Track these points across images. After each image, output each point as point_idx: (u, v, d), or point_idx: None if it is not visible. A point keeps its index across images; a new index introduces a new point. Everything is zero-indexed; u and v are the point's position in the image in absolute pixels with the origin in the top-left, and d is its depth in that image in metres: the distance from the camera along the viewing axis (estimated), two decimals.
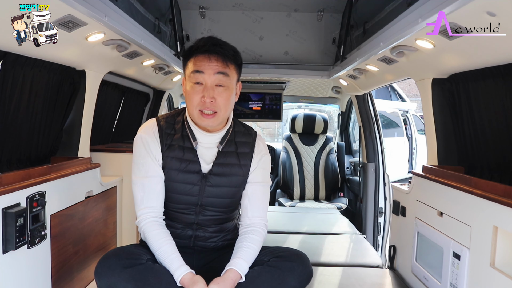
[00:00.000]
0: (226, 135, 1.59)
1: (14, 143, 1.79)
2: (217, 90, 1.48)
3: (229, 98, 1.52)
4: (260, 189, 1.61)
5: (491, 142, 1.74)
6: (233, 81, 1.53)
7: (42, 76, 1.81)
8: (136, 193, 1.54)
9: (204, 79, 1.48)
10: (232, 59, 1.51)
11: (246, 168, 1.59)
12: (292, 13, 3.23)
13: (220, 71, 1.48)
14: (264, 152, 1.64)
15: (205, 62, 1.48)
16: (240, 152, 1.59)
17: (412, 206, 2.08)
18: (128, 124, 3.15)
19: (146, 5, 2.13)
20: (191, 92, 1.50)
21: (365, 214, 3.55)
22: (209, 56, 1.48)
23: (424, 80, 2.03)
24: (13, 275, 1.41)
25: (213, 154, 1.58)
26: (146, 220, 1.50)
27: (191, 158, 1.54)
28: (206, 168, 1.56)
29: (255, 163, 1.61)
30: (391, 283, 2.12)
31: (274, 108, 4.13)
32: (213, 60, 1.47)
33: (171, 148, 1.54)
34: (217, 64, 1.47)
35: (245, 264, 1.44)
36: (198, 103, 1.48)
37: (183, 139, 1.56)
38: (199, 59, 1.49)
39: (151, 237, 1.48)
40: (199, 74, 1.48)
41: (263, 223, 1.59)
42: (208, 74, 1.47)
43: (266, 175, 1.64)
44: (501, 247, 1.37)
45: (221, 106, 1.50)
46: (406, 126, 8.30)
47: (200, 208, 1.57)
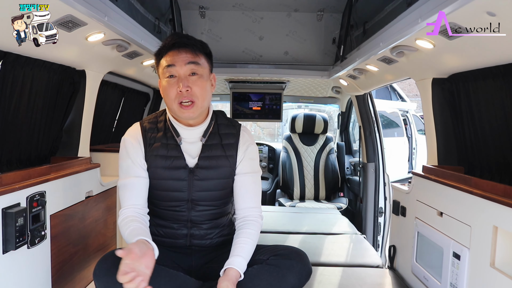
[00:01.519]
0: (209, 128, 1.62)
1: (14, 143, 1.79)
2: (191, 79, 1.52)
3: (204, 87, 1.54)
4: (250, 179, 1.62)
5: (491, 142, 1.74)
6: (206, 70, 1.57)
7: (42, 76, 1.81)
8: (121, 194, 1.57)
9: (176, 71, 1.52)
10: (200, 49, 1.55)
11: (232, 159, 1.61)
12: (292, 13, 3.23)
13: (191, 61, 1.52)
14: (250, 142, 1.65)
15: (175, 55, 1.52)
16: (225, 144, 1.61)
17: (412, 206, 2.07)
18: (128, 124, 3.10)
19: (146, 5, 2.13)
20: (167, 86, 1.53)
21: (365, 214, 3.55)
22: (178, 50, 1.53)
23: (424, 80, 2.03)
24: (13, 275, 1.41)
25: (197, 148, 1.60)
26: (125, 215, 1.51)
27: (175, 154, 1.57)
28: (192, 162, 1.58)
29: (241, 153, 1.62)
30: (391, 283, 2.12)
31: (274, 108, 4.13)
32: (182, 52, 1.52)
33: (155, 147, 1.57)
34: (187, 55, 1.52)
35: (243, 261, 1.44)
36: (176, 96, 1.52)
37: (166, 136, 1.59)
38: (169, 54, 1.53)
39: (122, 226, 1.48)
40: (171, 68, 1.52)
41: (258, 214, 1.60)
42: (179, 66, 1.51)
43: (254, 165, 1.64)
44: (501, 247, 1.37)
45: (198, 95, 1.52)
46: (406, 126, 8.30)
47: (191, 204, 1.58)
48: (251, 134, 1.70)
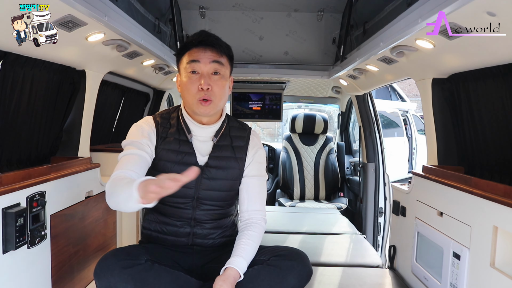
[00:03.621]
0: (221, 128, 1.63)
1: (14, 143, 1.79)
2: (213, 78, 1.53)
3: (224, 87, 1.56)
4: (257, 182, 1.63)
5: (491, 142, 1.74)
6: (227, 71, 1.59)
7: (42, 76, 1.81)
8: (119, 163, 1.47)
9: (200, 68, 1.53)
10: (225, 50, 1.57)
11: (241, 161, 1.62)
12: (292, 13, 3.23)
13: (215, 60, 1.53)
14: (259, 146, 1.67)
15: (201, 52, 1.53)
16: (235, 146, 1.62)
17: (412, 206, 2.08)
18: (128, 124, 3.11)
19: (146, 5, 2.13)
20: (188, 82, 1.54)
21: (365, 214, 3.55)
22: (204, 47, 1.53)
23: (424, 80, 2.03)
24: (13, 275, 1.40)
25: (208, 147, 1.60)
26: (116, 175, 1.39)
27: (187, 150, 1.57)
28: (202, 160, 1.58)
29: (250, 156, 1.64)
30: (391, 283, 2.12)
31: (274, 108, 4.13)
32: (208, 50, 1.53)
33: (167, 141, 1.57)
34: (212, 54, 1.53)
35: (243, 262, 1.44)
36: (197, 92, 1.52)
37: (178, 132, 1.59)
38: (194, 50, 1.54)
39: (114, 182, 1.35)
40: (195, 63, 1.53)
41: (262, 217, 1.60)
42: (204, 63, 1.52)
43: (261, 169, 1.66)
44: (501, 247, 1.37)
45: (217, 94, 1.53)
46: (406, 126, 8.31)
47: (196, 202, 1.58)
48: (260, 139, 1.72)
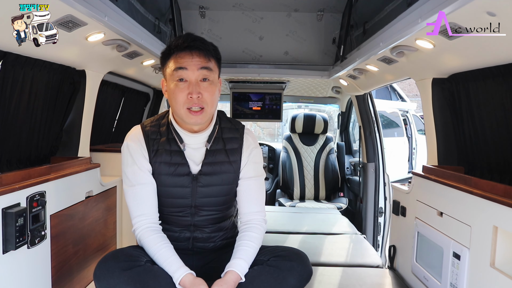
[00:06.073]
0: (213, 132, 1.58)
1: (14, 143, 1.79)
2: (202, 85, 1.47)
3: (214, 93, 1.51)
4: (254, 183, 1.59)
5: (491, 142, 1.74)
6: (216, 75, 1.53)
7: (42, 76, 1.81)
8: (128, 202, 1.54)
9: (188, 76, 1.46)
10: (213, 53, 1.51)
11: (236, 164, 1.58)
12: (292, 13, 3.23)
13: (204, 66, 1.47)
14: (254, 146, 1.61)
15: (188, 58, 1.46)
16: (228, 149, 1.58)
17: (412, 206, 2.07)
18: (128, 124, 3.13)
19: (146, 5, 2.13)
20: (176, 90, 1.47)
21: (365, 214, 3.55)
22: (190, 52, 1.46)
23: (424, 80, 2.03)
24: (13, 275, 1.41)
25: (201, 154, 1.56)
26: (140, 228, 1.50)
27: (179, 161, 1.53)
28: (196, 169, 1.55)
29: (245, 158, 1.59)
30: (391, 283, 2.12)
31: (274, 108, 4.13)
32: (195, 56, 1.46)
33: (158, 153, 1.53)
34: (200, 60, 1.47)
35: (244, 264, 1.44)
36: (185, 101, 1.47)
37: (169, 142, 1.54)
38: (180, 56, 1.47)
39: (147, 243, 1.47)
40: (182, 71, 1.46)
41: (261, 218, 1.58)
42: (192, 70, 1.46)
43: (258, 169, 1.62)
44: (501, 247, 1.37)
45: (208, 101, 1.48)
46: (406, 126, 8.30)
47: (194, 209, 1.57)
48: (255, 136, 1.66)
